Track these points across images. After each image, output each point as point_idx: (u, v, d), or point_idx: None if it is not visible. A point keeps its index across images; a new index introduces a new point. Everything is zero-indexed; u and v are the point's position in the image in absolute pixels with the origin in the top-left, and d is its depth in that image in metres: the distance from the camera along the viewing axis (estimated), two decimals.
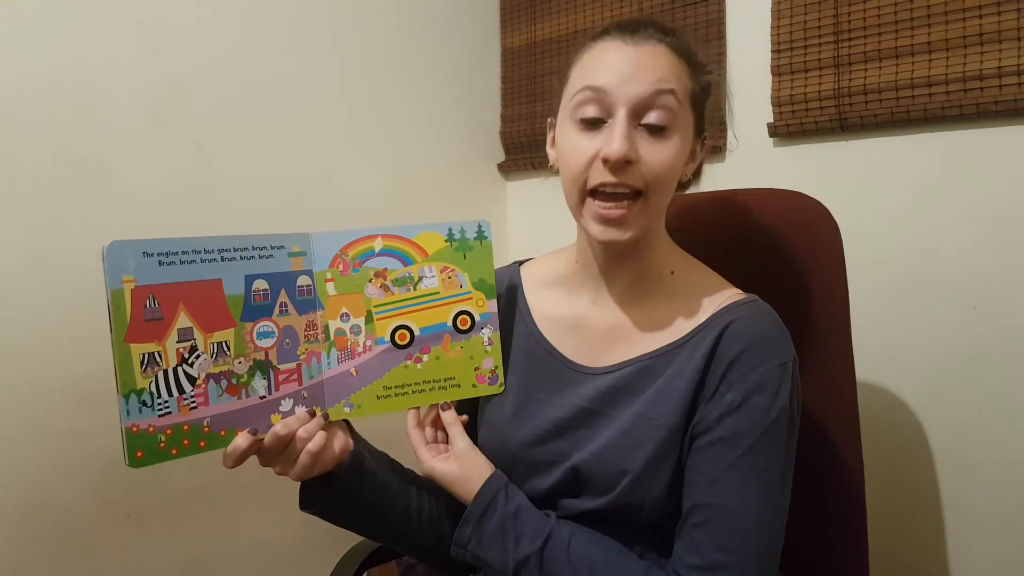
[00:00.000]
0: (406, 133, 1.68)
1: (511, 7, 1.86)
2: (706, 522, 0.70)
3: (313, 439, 0.74)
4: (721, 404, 0.72)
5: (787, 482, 0.73)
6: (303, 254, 0.78)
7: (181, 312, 0.69)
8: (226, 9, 1.38)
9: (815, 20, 1.31)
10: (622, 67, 0.73)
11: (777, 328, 0.75)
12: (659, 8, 1.56)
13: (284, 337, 0.76)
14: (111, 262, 0.66)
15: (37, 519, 1.16)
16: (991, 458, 1.17)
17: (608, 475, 0.74)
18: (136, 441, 0.67)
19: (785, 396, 0.72)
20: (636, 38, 0.74)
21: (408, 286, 0.81)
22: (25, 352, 1.15)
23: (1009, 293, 1.15)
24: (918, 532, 1.25)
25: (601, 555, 0.73)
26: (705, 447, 0.72)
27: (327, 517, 0.81)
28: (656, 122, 0.72)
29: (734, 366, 0.72)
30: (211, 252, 0.71)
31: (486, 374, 0.83)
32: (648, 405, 0.75)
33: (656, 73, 0.72)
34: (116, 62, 1.24)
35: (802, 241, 0.94)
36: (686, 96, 0.74)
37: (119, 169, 1.24)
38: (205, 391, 0.71)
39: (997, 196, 1.15)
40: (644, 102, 0.72)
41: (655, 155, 0.72)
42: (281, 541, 1.46)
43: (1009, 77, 1.12)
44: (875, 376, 1.27)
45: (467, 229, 0.83)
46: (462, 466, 0.78)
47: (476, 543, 0.75)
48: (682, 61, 0.74)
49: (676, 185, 0.78)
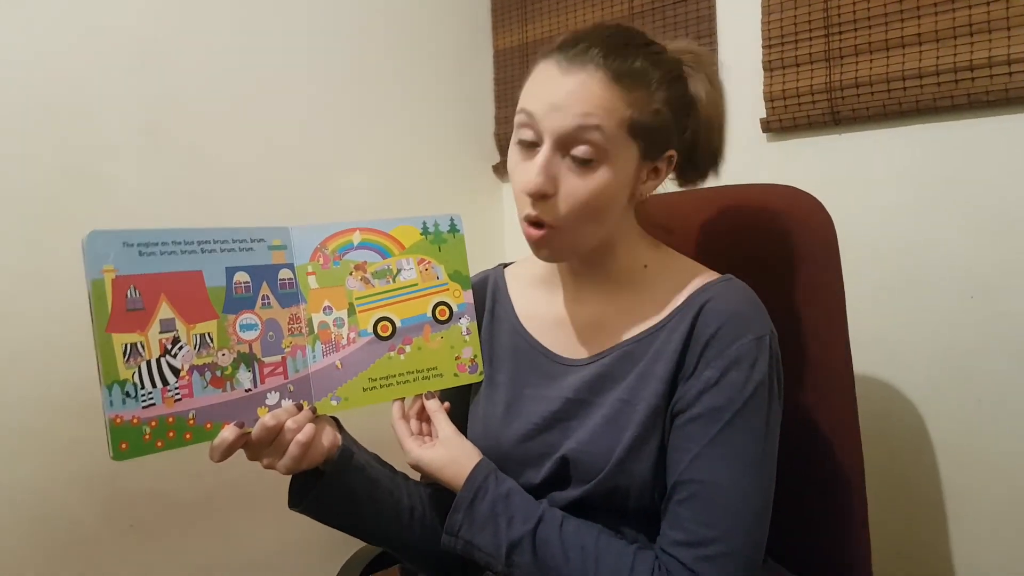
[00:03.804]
0: (400, 136, 1.69)
1: (502, 8, 1.87)
2: (689, 498, 0.70)
3: (302, 430, 0.74)
4: (700, 381, 0.72)
5: (770, 454, 0.73)
6: (283, 247, 0.78)
7: (163, 303, 0.69)
8: (218, 20, 1.38)
9: (805, 14, 1.32)
10: (551, 96, 0.72)
11: (751, 303, 0.76)
12: (649, 6, 1.56)
13: (268, 330, 0.76)
14: (91, 251, 0.66)
15: (40, 529, 1.16)
16: (991, 449, 1.17)
17: (595, 462, 0.75)
18: (120, 433, 0.66)
19: (763, 369, 0.72)
20: (573, 64, 0.71)
21: (388, 278, 0.82)
22: (27, 363, 1.15)
23: (1005, 283, 1.15)
24: (920, 525, 1.24)
25: (592, 537, 0.73)
26: (685, 423, 0.72)
27: (316, 514, 0.81)
28: (582, 156, 0.71)
29: (711, 344, 0.73)
30: (191, 244, 0.71)
31: (466, 363, 0.85)
32: (630, 390, 0.76)
33: (582, 106, 0.70)
34: (110, 74, 1.24)
35: (797, 235, 0.93)
36: (619, 128, 0.72)
37: (115, 180, 1.24)
38: (189, 383, 0.70)
39: (990, 186, 1.16)
40: (568, 135, 0.71)
41: (575, 189, 0.72)
42: (284, 550, 1.46)
43: (1000, 67, 1.12)
44: (873, 369, 1.27)
45: (440, 223, 0.84)
46: (449, 451, 0.78)
47: (467, 528, 0.75)
48: (621, 89, 0.71)
49: (617, 206, 0.76)
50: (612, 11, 1.63)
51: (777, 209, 0.96)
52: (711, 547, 0.68)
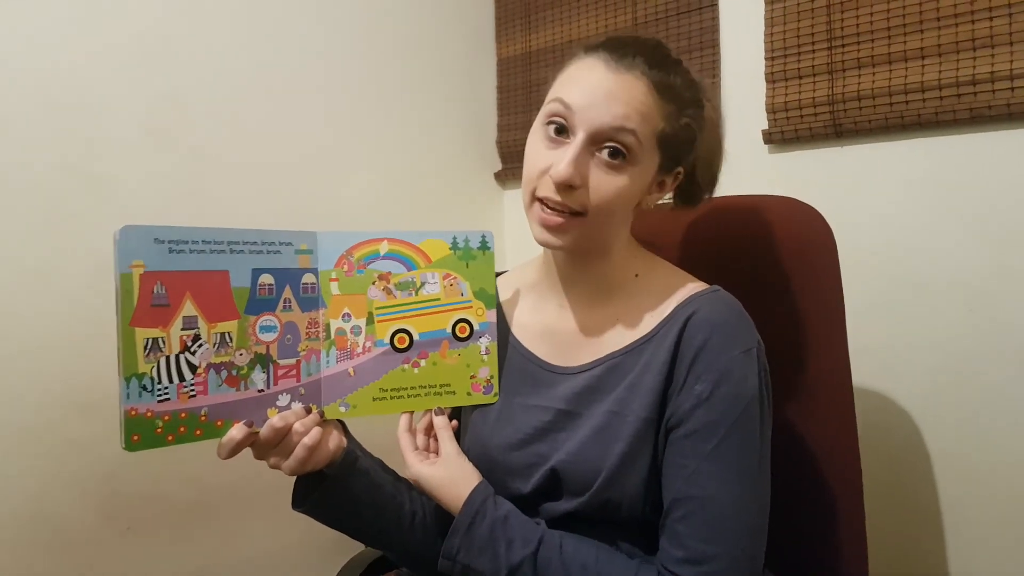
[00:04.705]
0: (403, 143, 1.69)
1: (506, 17, 1.88)
2: (687, 515, 0.71)
3: (309, 433, 0.74)
4: (691, 396, 0.72)
5: (764, 467, 0.73)
6: (310, 252, 0.79)
7: (187, 300, 0.70)
8: (222, 21, 1.38)
9: (808, 27, 1.32)
10: (594, 91, 0.73)
11: (738, 315, 0.76)
12: (653, 17, 1.57)
13: (286, 333, 0.77)
14: (123, 246, 0.66)
15: (36, 530, 1.15)
16: (989, 459, 1.18)
17: (584, 473, 0.75)
18: (133, 425, 0.67)
19: (753, 382, 0.72)
20: (621, 65, 0.73)
21: (410, 290, 0.82)
22: (24, 363, 1.14)
23: (1004, 295, 1.16)
24: (917, 535, 1.25)
25: (592, 555, 0.73)
26: (680, 440, 0.73)
27: (318, 515, 0.81)
28: (612, 154, 0.72)
29: (699, 357, 0.73)
30: (220, 244, 0.72)
31: (481, 383, 0.84)
32: (619, 402, 0.76)
33: (624, 108, 0.72)
34: (112, 73, 1.24)
35: (797, 247, 0.94)
36: (651, 137, 0.74)
37: (117, 180, 1.24)
38: (205, 380, 0.71)
39: (991, 200, 1.16)
40: (604, 132, 0.72)
41: (602, 184, 0.73)
42: (281, 553, 1.45)
43: (1002, 82, 1.13)
44: (871, 380, 1.28)
45: (471, 239, 0.84)
46: (448, 471, 0.79)
47: (465, 552, 0.75)
48: (660, 100, 0.73)
49: (628, 211, 0.79)
50: (616, 22, 1.63)
51: (777, 220, 0.96)
52: (713, 564, 0.69)
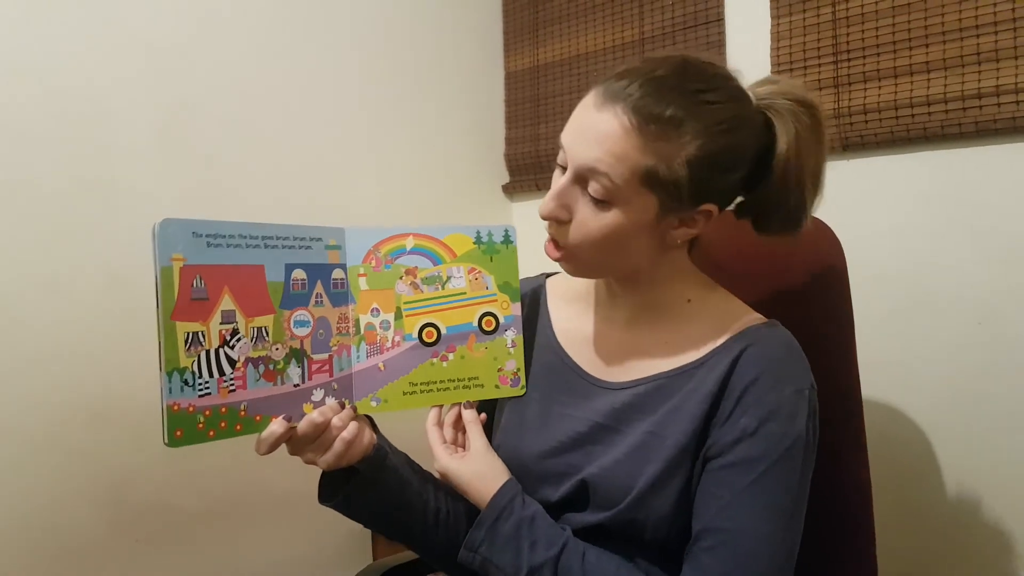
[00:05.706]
0: (412, 154, 1.70)
1: (515, 31, 1.90)
2: (716, 546, 0.69)
3: (347, 428, 0.75)
4: (735, 429, 0.71)
5: (800, 509, 0.72)
6: (338, 248, 0.79)
7: (225, 294, 0.70)
8: (236, 32, 1.40)
9: (814, 41, 1.34)
10: (575, 129, 0.73)
11: (794, 354, 0.75)
12: (660, 31, 1.58)
13: (318, 328, 0.77)
14: (162, 239, 0.66)
15: (46, 539, 1.15)
16: (999, 474, 1.17)
17: (615, 490, 0.74)
18: (176, 420, 0.66)
19: (801, 423, 0.71)
20: (606, 102, 0.70)
21: (436, 285, 0.83)
22: (36, 372, 1.14)
23: (1013, 308, 1.16)
24: (927, 550, 1.24)
25: (613, 569, 0.73)
26: (718, 470, 0.71)
27: (346, 510, 0.82)
28: (594, 193, 0.71)
29: (749, 391, 0.72)
30: (255, 238, 0.72)
31: (508, 376, 0.85)
32: (659, 424, 0.75)
33: (596, 150, 0.69)
34: (125, 82, 1.25)
35: (806, 260, 0.94)
36: (632, 176, 0.69)
37: (130, 188, 1.25)
38: (244, 375, 0.71)
39: (998, 212, 1.17)
40: (583, 171, 0.71)
41: (585, 221, 0.73)
42: (291, 562, 1.44)
43: (1007, 95, 1.14)
44: (881, 393, 1.27)
45: (494, 233, 0.85)
46: (477, 466, 0.79)
47: (488, 546, 0.75)
48: (642, 138, 0.68)
49: (637, 247, 0.75)
50: (623, 35, 1.65)
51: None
52: None
